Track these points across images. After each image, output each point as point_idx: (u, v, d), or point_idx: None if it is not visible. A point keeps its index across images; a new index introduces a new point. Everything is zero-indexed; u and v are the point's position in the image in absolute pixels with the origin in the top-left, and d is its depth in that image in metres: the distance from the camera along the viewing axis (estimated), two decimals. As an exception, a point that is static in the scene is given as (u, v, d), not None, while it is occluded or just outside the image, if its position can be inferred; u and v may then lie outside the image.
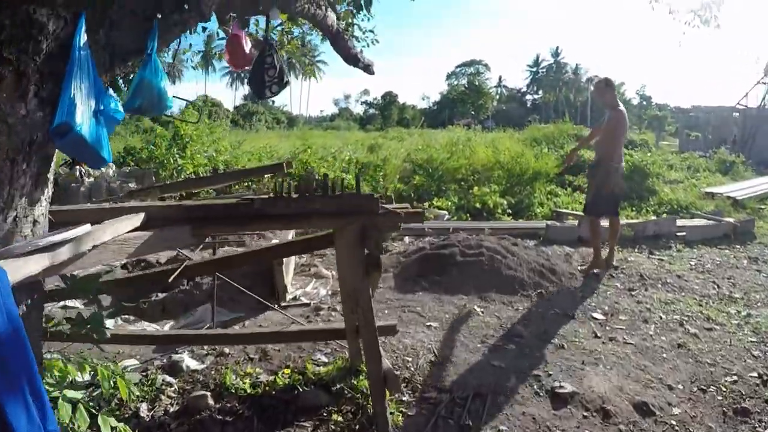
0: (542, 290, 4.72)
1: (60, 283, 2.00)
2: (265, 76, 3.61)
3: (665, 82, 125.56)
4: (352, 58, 3.44)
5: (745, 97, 24.11)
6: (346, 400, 2.87)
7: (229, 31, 3.72)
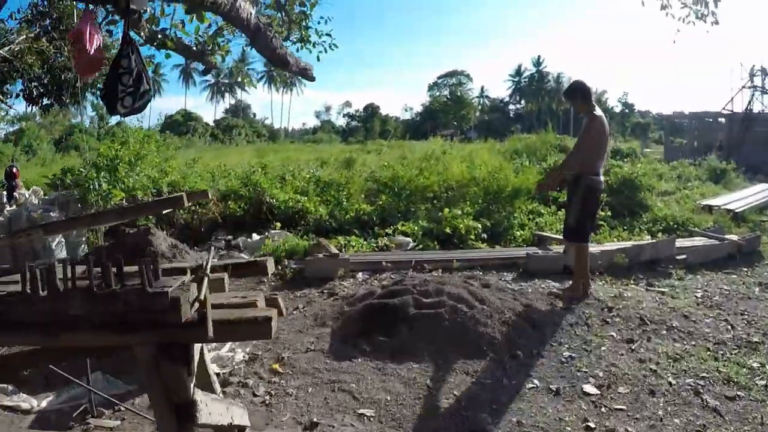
0: (519, 350, 3.65)
1: None
2: (118, 85, 2.57)
3: (648, 88, 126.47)
4: (279, 60, 2.91)
5: (730, 102, 23.65)
6: None
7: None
